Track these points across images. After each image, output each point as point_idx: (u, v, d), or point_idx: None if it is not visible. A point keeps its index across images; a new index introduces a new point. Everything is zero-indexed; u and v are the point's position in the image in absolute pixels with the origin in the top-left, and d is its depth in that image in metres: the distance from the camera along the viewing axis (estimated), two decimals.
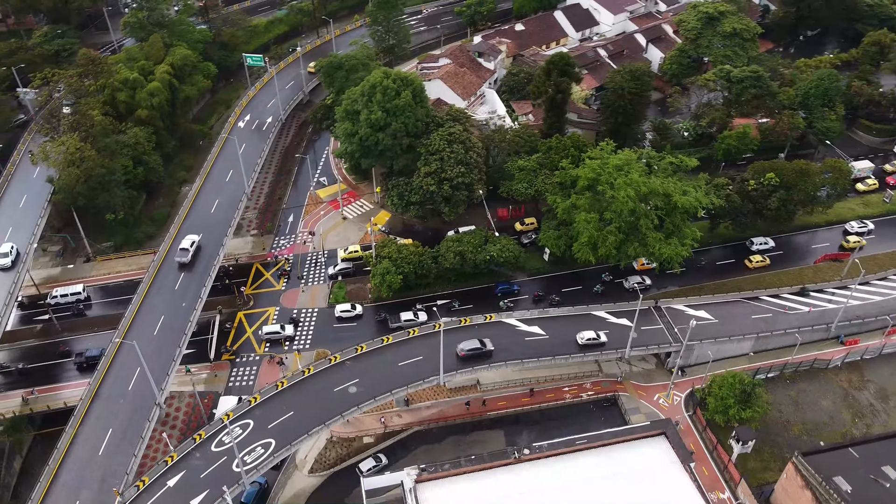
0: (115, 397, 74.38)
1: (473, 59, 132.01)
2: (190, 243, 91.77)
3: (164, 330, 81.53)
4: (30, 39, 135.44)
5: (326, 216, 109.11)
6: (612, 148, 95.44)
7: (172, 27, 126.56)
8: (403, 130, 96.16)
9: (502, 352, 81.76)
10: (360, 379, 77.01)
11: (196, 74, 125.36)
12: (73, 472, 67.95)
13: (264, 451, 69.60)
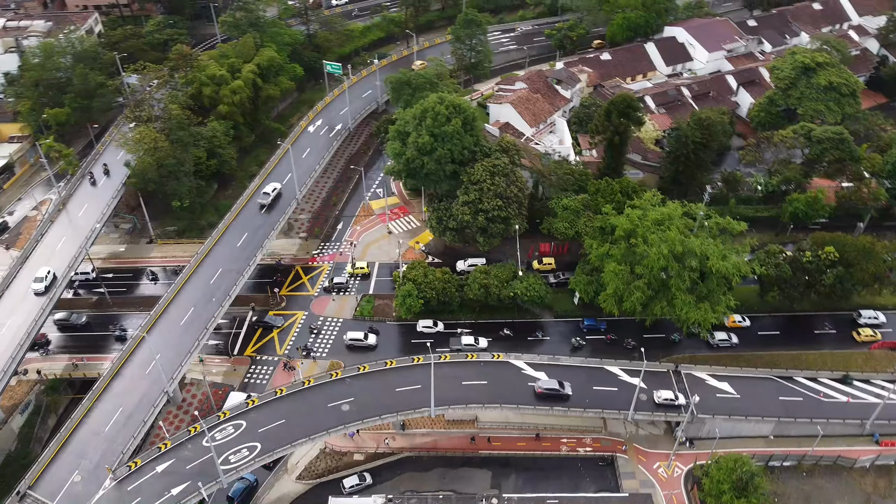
0: (134, 378, 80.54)
1: (550, 86, 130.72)
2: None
3: (191, 319, 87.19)
4: (144, 27, 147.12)
5: (374, 228, 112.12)
6: (658, 199, 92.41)
7: (265, 29, 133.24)
8: (449, 157, 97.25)
9: (507, 393, 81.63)
10: (355, 398, 79.42)
11: (281, 75, 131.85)
12: (81, 443, 74.49)
13: (249, 453, 73.45)
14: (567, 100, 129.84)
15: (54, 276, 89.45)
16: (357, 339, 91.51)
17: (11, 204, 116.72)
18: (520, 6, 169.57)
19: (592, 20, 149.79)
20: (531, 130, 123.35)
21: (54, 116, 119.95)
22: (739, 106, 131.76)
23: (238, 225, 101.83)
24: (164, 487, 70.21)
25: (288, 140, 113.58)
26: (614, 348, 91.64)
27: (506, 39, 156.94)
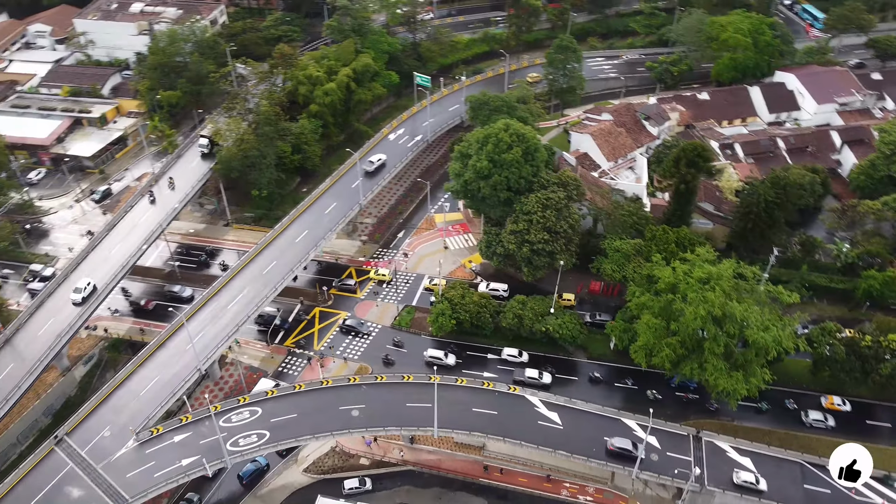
0: (177, 352, 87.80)
1: (637, 121, 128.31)
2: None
3: (238, 304, 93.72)
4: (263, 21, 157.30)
5: (432, 241, 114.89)
6: (711, 256, 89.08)
7: (367, 35, 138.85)
8: (504, 184, 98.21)
9: (514, 428, 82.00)
10: (366, 406, 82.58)
11: (376, 81, 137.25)
12: (118, 402, 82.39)
13: (257, 440, 78.48)
14: (653, 137, 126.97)
15: (94, 288, 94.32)
16: (437, 357, 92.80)
17: (119, 173, 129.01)
18: (632, 33, 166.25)
19: (699, 56, 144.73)
20: (608, 164, 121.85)
21: (167, 98, 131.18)
22: (841, 165, 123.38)
23: (303, 220, 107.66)
24: (177, 457, 76.48)
25: (360, 151, 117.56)
26: (646, 400, 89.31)
27: (608, 66, 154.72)
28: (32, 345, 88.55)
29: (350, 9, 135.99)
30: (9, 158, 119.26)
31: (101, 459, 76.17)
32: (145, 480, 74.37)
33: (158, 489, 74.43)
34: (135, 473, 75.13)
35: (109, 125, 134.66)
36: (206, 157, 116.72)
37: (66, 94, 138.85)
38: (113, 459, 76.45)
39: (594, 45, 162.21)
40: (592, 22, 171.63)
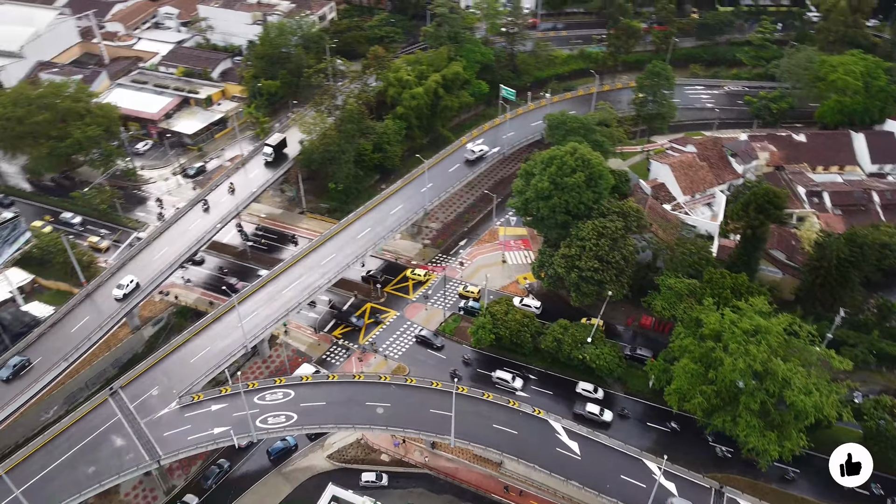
0: (229, 327, 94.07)
1: (723, 156, 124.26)
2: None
3: (294, 290, 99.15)
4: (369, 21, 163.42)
5: (492, 253, 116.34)
6: (765, 308, 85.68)
7: (461, 44, 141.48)
8: (563, 207, 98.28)
9: (531, 451, 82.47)
10: (391, 405, 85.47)
11: (465, 90, 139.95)
12: (171, 365, 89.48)
13: (285, 421, 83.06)
14: (737, 175, 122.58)
15: (137, 285, 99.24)
16: (504, 379, 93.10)
17: (215, 152, 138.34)
18: (738, 64, 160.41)
19: (803, 95, 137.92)
20: (684, 198, 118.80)
21: (267, 87, 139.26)
22: None
23: (369, 218, 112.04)
24: (210, 425, 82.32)
25: (431, 160, 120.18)
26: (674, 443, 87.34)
27: (706, 96, 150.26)
28: (108, 302, 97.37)
29: (448, 17, 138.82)
30: (121, 129, 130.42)
31: (146, 415, 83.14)
32: (179, 441, 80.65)
33: (188, 451, 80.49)
34: (171, 433, 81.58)
35: (213, 107, 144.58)
36: (270, 166, 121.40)
37: (181, 73, 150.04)
38: (155, 417, 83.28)
39: (696, 73, 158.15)
40: (699, 48, 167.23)
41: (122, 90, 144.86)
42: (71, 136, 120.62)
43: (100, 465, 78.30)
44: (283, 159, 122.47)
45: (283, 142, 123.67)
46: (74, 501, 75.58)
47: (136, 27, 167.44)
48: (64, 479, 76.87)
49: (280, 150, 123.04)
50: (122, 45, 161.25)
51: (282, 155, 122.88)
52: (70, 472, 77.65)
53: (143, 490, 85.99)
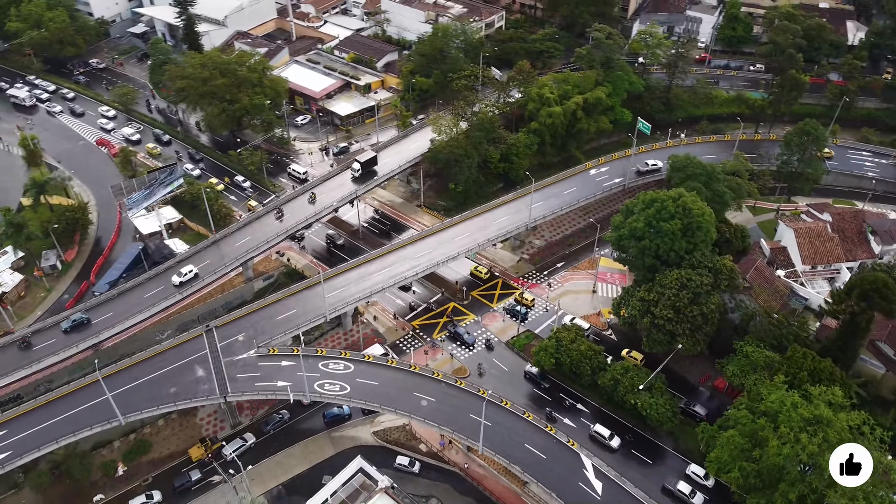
0: (319, 296, 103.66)
1: (862, 232, 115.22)
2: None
3: (383, 275, 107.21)
4: (534, 34, 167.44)
5: (584, 281, 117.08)
6: (838, 401, 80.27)
7: (612, 70, 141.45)
8: (653, 251, 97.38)
9: (553, 478, 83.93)
10: (435, 400, 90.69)
11: (606, 115, 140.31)
12: (260, 317, 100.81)
13: (338, 391, 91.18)
14: (873, 255, 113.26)
15: (196, 275, 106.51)
16: (602, 434, 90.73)
17: (361, 136, 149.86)
18: None
19: None
20: (802, 267, 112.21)
21: (419, 83, 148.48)
22: None
23: (472, 223, 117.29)
24: (276, 377, 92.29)
25: (539, 182, 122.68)
26: None
27: (871, 164, 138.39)
28: (229, 251, 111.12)
29: (602, 42, 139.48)
30: (285, 101, 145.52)
31: (228, 356, 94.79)
32: (246, 385, 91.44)
33: (251, 396, 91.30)
34: (243, 376, 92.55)
35: (370, 94, 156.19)
36: (356, 181, 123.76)
37: (350, 59, 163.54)
38: (235, 359, 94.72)
39: (867, 137, 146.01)
40: (884, 111, 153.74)
41: (297, 66, 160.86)
42: (240, 101, 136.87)
43: (180, 388, 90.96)
44: (372, 175, 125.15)
45: (373, 159, 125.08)
46: (152, 413, 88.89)
47: (325, 11, 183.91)
48: (149, 392, 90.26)
49: (369, 167, 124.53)
50: (310, 25, 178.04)
51: (371, 172, 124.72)
52: (156, 388, 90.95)
53: (216, 419, 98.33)
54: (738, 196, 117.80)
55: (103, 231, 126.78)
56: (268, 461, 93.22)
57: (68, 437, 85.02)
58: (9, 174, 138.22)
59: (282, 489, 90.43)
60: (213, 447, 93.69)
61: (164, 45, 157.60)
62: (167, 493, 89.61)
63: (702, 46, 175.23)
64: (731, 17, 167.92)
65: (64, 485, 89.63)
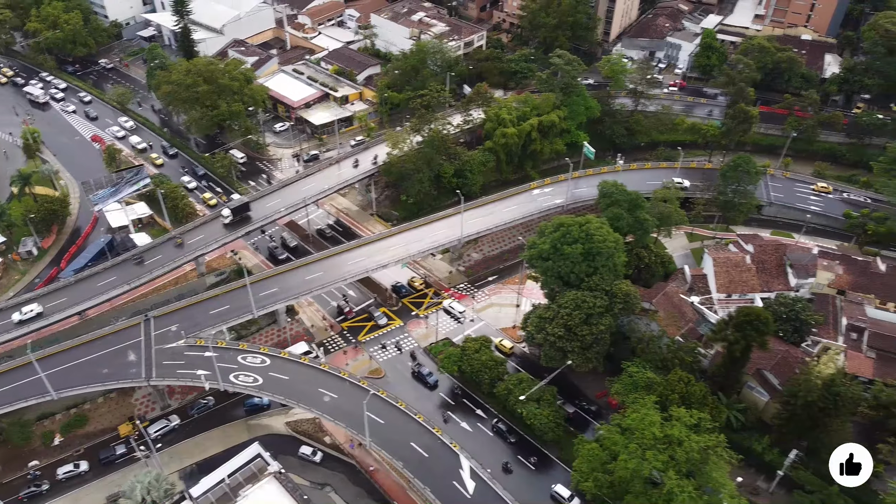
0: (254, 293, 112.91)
1: (781, 264, 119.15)
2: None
3: (314, 280, 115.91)
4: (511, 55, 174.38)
5: (511, 295, 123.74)
6: (691, 422, 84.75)
7: (569, 94, 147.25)
8: (555, 272, 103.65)
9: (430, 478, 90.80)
10: (338, 397, 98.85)
11: (563, 138, 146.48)
12: (194, 311, 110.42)
13: (250, 382, 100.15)
14: (788, 287, 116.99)
15: (39, 314, 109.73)
16: (562, 496, 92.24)
17: (334, 144, 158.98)
18: None
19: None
20: (717, 296, 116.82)
21: (391, 98, 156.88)
22: None
23: (409, 235, 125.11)
24: (197, 366, 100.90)
25: (474, 202, 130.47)
26: None
27: (816, 197, 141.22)
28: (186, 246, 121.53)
29: (561, 68, 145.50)
30: (265, 109, 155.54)
31: (160, 343, 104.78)
32: (169, 371, 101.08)
33: (171, 382, 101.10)
34: (169, 363, 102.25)
35: (347, 106, 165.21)
36: (227, 227, 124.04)
37: (333, 71, 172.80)
38: (164, 347, 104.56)
39: (819, 171, 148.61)
40: (846, 146, 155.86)
41: (284, 75, 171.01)
42: (220, 107, 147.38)
43: (112, 370, 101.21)
44: (247, 221, 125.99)
45: (244, 206, 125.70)
46: (83, 390, 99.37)
47: (321, 23, 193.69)
48: (85, 372, 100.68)
49: (241, 212, 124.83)
50: (304, 36, 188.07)
51: (245, 217, 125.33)
52: (92, 368, 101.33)
53: (150, 400, 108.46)
54: (665, 223, 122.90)
55: (82, 222, 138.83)
56: (187, 442, 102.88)
57: (5, 407, 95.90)
58: (12, 165, 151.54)
59: (195, 467, 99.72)
60: (141, 425, 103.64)
61: (159, 51, 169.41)
62: (94, 464, 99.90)
63: (679, 73, 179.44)
64: (706, 46, 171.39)
65: (5, 449, 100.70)
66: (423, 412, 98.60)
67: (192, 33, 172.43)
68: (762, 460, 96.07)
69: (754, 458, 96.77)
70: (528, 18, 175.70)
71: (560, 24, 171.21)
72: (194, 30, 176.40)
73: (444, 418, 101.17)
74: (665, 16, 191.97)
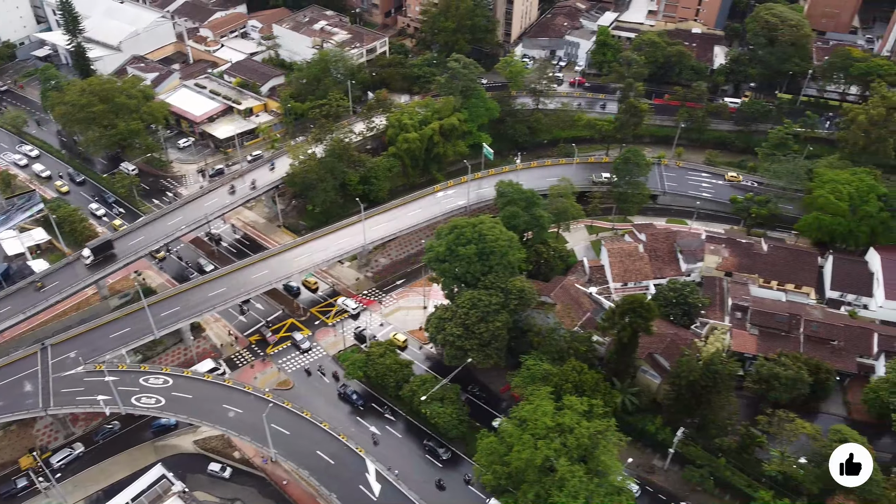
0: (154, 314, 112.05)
1: (672, 251, 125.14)
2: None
3: (217, 295, 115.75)
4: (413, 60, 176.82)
5: (418, 298, 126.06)
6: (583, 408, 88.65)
7: (469, 97, 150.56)
8: (452, 273, 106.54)
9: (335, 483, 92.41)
10: (243, 412, 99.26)
11: (466, 140, 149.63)
12: (92, 336, 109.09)
13: (153, 404, 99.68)
14: (679, 272, 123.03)
15: None
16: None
17: (241, 156, 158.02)
18: None
19: (790, 202, 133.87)
20: (614, 285, 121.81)
21: (295, 108, 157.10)
22: (875, 373, 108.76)
23: (313, 245, 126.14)
24: (97, 391, 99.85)
25: (377, 208, 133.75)
26: None
27: (708, 185, 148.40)
28: (81, 270, 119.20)
29: (458, 72, 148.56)
30: (166, 125, 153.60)
31: (58, 371, 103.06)
32: (68, 399, 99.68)
33: (70, 409, 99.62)
34: (67, 391, 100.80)
35: (252, 118, 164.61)
36: (90, 268, 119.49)
37: (237, 83, 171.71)
38: (63, 375, 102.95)
39: (710, 159, 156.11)
40: (735, 133, 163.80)
41: (186, 90, 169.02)
42: (117, 126, 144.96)
43: (7, 401, 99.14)
44: (112, 259, 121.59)
45: (106, 244, 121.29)
46: None
47: (223, 35, 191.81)
48: None
49: (103, 251, 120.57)
50: (207, 49, 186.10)
51: (110, 255, 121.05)
52: None
53: (52, 430, 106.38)
54: (562, 218, 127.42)
55: None
56: (93, 469, 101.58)
57: None
58: None
59: (101, 494, 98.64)
60: (42, 456, 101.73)
61: (53, 71, 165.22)
62: None
63: (578, 70, 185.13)
64: (602, 43, 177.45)
65: None
66: (334, 418, 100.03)
67: (86, 52, 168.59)
68: (656, 440, 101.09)
69: (649, 438, 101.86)
70: (428, 23, 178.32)
71: (459, 27, 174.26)
72: (90, 48, 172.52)
73: (375, 441, 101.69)
74: (563, 15, 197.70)
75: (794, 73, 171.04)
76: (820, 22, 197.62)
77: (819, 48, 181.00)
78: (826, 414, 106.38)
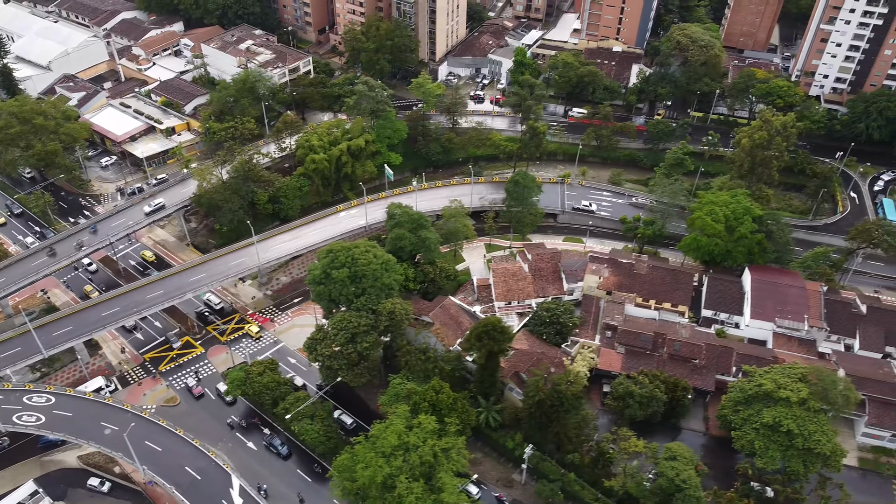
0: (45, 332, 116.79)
1: (556, 271, 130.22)
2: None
3: (109, 314, 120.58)
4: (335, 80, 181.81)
5: (310, 316, 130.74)
6: (432, 427, 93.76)
7: (377, 118, 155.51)
8: (327, 295, 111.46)
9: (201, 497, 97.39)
10: (118, 429, 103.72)
11: (376, 159, 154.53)
12: None
13: (34, 422, 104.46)
14: (562, 292, 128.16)
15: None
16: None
17: (160, 174, 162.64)
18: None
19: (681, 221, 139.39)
20: (498, 304, 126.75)
21: (213, 127, 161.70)
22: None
23: (211, 265, 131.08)
24: None
25: (278, 229, 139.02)
26: None
27: (607, 203, 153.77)
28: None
29: (365, 95, 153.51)
30: (86, 145, 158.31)
31: None
32: None
33: None
34: None
35: (174, 137, 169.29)
36: None
37: (161, 102, 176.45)
38: None
39: (614, 179, 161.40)
40: (645, 151, 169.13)
41: (111, 109, 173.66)
42: (35, 147, 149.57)
43: None
44: None
45: None
46: None
47: (155, 53, 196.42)
48: None
49: None
50: (139, 68, 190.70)
51: None
52: None
53: None
54: (454, 238, 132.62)
55: None
56: None
57: None
58: None
59: None
60: None
61: None
62: None
63: (501, 88, 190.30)
64: (518, 63, 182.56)
65: None
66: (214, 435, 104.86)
67: (13, 72, 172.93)
68: (514, 455, 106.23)
69: (509, 453, 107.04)
70: (349, 43, 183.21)
71: (380, 47, 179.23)
72: (19, 68, 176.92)
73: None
74: (490, 33, 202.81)
75: (705, 93, 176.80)
76: (738, 40, 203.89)
77: (736, 66, 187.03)
78: (687, 430, 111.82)
